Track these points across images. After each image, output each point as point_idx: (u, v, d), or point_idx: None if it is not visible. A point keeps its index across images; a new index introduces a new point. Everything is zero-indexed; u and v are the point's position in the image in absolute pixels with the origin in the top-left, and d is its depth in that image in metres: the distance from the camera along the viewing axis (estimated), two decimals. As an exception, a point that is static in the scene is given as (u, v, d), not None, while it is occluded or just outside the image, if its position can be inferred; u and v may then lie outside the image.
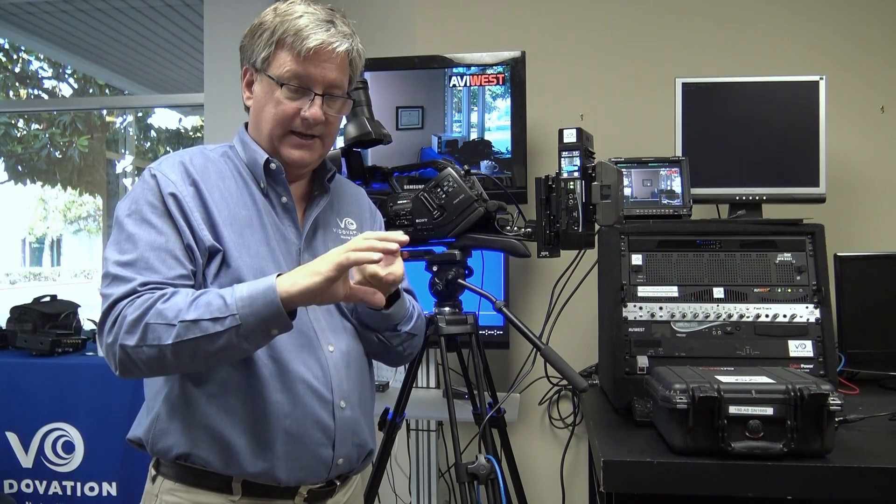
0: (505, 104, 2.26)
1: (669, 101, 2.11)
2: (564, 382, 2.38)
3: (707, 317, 1.67)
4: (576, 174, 1.52)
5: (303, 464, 1.17)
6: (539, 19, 2.53)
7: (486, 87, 2.27)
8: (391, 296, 1.23)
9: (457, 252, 1.66)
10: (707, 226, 1.84)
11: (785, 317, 1.66)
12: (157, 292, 1.08)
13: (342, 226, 1.34)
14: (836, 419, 1.31)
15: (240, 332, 1.04)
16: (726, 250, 1.72)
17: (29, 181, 10.09)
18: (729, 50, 2.42)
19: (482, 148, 2.27)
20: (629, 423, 1.57)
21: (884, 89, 2.37)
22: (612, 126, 2.38)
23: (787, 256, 1.71)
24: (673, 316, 1.68)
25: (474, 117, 2.27)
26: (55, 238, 16.65)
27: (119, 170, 10.63)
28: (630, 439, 1.45)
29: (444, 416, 1.86)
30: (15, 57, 8.25)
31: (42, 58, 8.25)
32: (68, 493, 2.47)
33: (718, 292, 1.69)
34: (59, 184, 10.33)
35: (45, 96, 8.95)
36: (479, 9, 2.56)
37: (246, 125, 1.31)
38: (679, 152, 2.06)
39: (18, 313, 2.69)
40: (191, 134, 10.33)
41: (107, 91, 7.32)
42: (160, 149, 10.39)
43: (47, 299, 2.81)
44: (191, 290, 1.10)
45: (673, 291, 1.70)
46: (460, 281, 1.67)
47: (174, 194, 1.15)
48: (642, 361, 1.64)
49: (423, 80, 2.29)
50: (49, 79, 9.11)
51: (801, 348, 1.63)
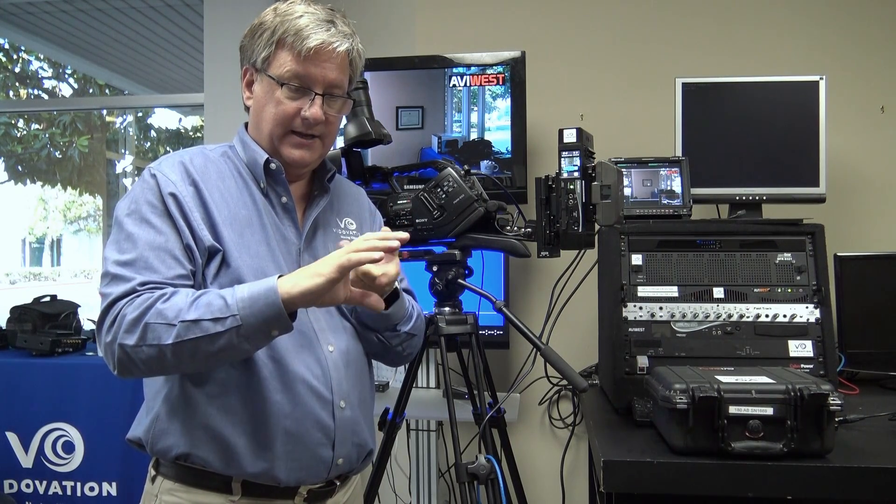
0: (505, 104, 2.26)
1: (669, 101, 2.11)
2: (564, 382, 2.37)
3: (707, 317, 1.67)
4: (576, 174, 1.52)
5: (302, 464, 1.17)
6: (539, 19, 2.53)
7: (486, 87, 2.26)
8: (390, 296, 1.23)
9: (457, 252, 1.66)
10: (707, 226, 1.84)
11: (785, 317, 1.66)
12: (156, 292, 1.08)
13: (342, 226, 1.34)
14: (836, 419, 1.31)
15: (240, 333, 1.04)
16: (726, 250, 1.72)
17: (29, 181, 10.08)
18: (729, 50, 2.42)
19: (482, 148, 2.27)
20: (629, 423, 1.57)
21: (884, 89, 2.37)
22: (612, 126, 2.38)
23: (787, 256, 1.71)
24: (673, 316, 1.68)
25: (474, 117, 2.27)
26: (55, 238, 16.64)
27: (119, 170, 10.63)
28: (630, 439, 1.45)
29: (444, 416, 1.86)
30: (15, 57, 8.25)
31: (42, 58, 8.25)
32: (68, 493, 2.47)
33: (718, 292, 1.69)
34: (59, 184, 10.32)
35: (45, 96, 8.94)
36: (479, 9, 2.56)
37: (246, 125, 1.31)
38: (679, 152, 2.06)
39: (18, 313, 2.69)
40: (191, 134, 10.33)
41: (107, 91, 7.31)
42: (160, 149, 10.38)
43: (47, 299, 2.81)
44: (191, 290, 1.10)
45: (673, 291, 1.70)
46: (460, 281, 1.67)
47: (174, 194, 1.15)
48: (642, 361, 1.64)
49: (423, 80, 2.29)
50: (49, 79, 9.11)
51: (801, 348, 1.63)
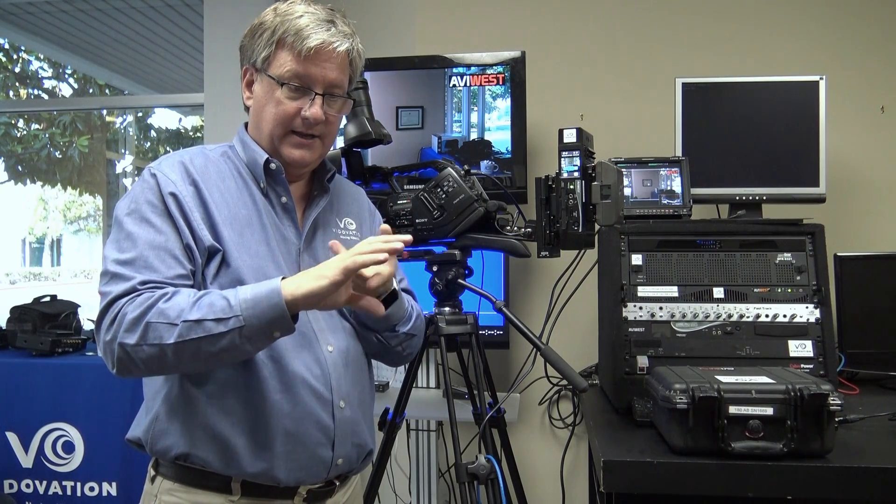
0: (505, 104, 2.26)
1: (669, 101, 2.11)
2: (564, 382, 2.37)
3: (707, 317, 1.67)
4: (576, 174, 1.52)
5: (302, 464, 1.17)
6: (539, 19, 2.53)
7: (486, 87, 2.26)
8: (389, 297, 1.23)
9: (457, 252, 1.66)
10: (707, 226, 1.84)
11: (785, 317, 1.66)
12: (157, 291, 1.07)
13: (342, 226, 1.34)
14: (836, 419, 1.31)
15: (243, 334, 1.05)
16: (726, 250, 1.72)
17: (29, 181, 10.07)
18: (729, 50, 2.42)
19: (482, 148, 2.27)
20: (629, 423, 1.57)
21: (884, 89, 2.37)
22: (612, 126, 2.38)
23: (787, 256, 1.71)
24: (673, 316, 1.68)
25: (474, 117, 2.27)
26: (55, 238, 16.63)
27: (119, 170, 10.62)
28: (630, 439, 1.45)
29: (444, 416, 1.86)
30: (15, 57, 8.24)
31: (42, 58, 8.24)
32: (68, 493, 2.47)
33: (718, 292, 1.69)
34: (59, 184, 10.31)
35: (45, 96, 8.93)
36: (479, 9, 2.56)
37: (245, 125, 1.31)
38: (679, 152, 2.06)
39: (18, 313, 2.70)
40: (191, 134, 10.32)
41: (107, 91, 7.30)
42: (160, 149, 10.37)
43: (47, 299, 2.81)
44: (192, 290, 1.10)
45: (673, 291, 1.70)
46: (460, 281, 1.67)
47: (174, 194, 1.15)
48: (642, 361, 1.64)
49: (423, 80, 2.29)
50: (49, 79, 9.10)
51: (801, 348, 1.63)
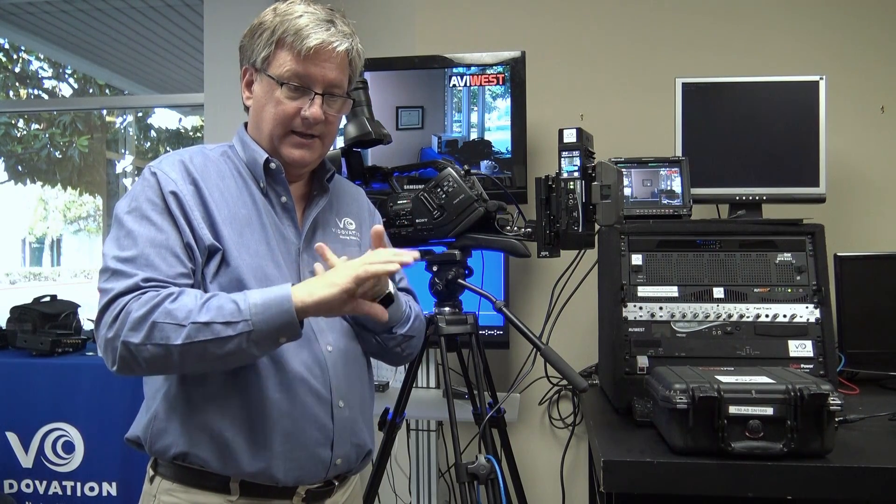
0: (505, 104, 2.26)
1: (669, 101, 2.11)
2: (564, 382, 2.37)
3: (707, 317, 1.67)
4: (576, 174, 1.52)
5: (301, 463, 1.17)
6: (539, 19, 2.53)
7: (486, 87, 2.26)
8: (384, 299, 1.22)
9: (457, 252, 1.66)
10: (707, 226, 1.84)
11: (785, 317, 1.66)
12: (162, 291, 1.07)
13: (341, 226, 1.34)
14: (836, 419, 1.31)
15: (250, 338, 1.05)
16: (726, 250, 1.72)
17: (29, 181, 10.06)
18: (729, 50, 2.42)
19: (482, 148, 2.27)
20: (629, 423, 1.57)
21: (884, 89, 2.37)
22: (612, 126, 2.38)
23: (787, 256, 1.71)
24: (673, 316, 1.68)
25: (474, 117, 2.27)
26: (55, 238, 16.63)
27: (119, 170, 10.61)
28: (630, 439, 1.45)
29: (444, 416, 1.86)
30: (15, 57, 8.24)
31: (42, 58, 8.24)
32: (68, 493, 2.47)
33: (718, 292, 1.69)
34: (59, 184, 10.30)
35: (45, 96, 8.93)
36: (479, 9, 2.56)
37: (245, 125, 1.31)
38: (679, 152, 2.06)
39: (18, 313, 2.69)
40: (191, 134, 10.32)
41: (107, 91, 7.30)
42: (160, 149, 10.36)
43: (47, 299, 2.81)
44: (197, 290, 1.10)
45: (673, 291, 1.70)
46: (460, 281, 1.67)
47: (175, 192, 1.15)
48: (642, 361, 1.64)
49: (423, 80, 2.29)
50: (49, 79, 9.10)
51: (801, 348, 1.63)
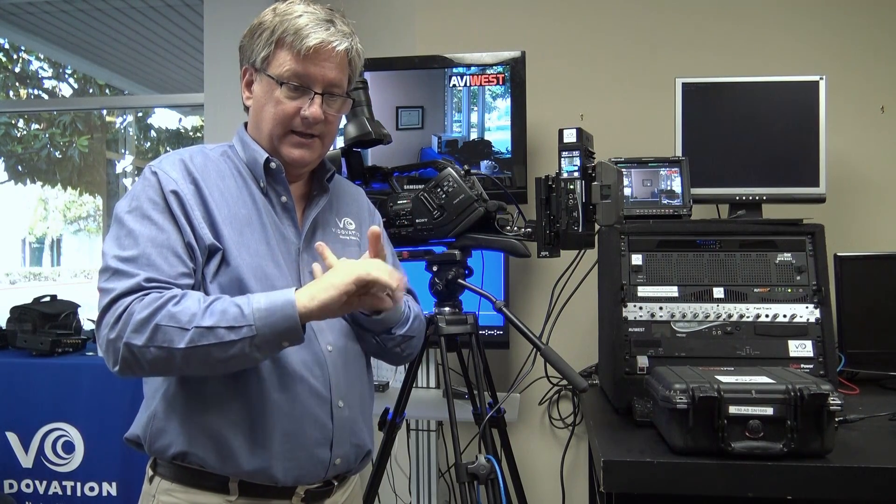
0: (505, 104, 2.26)
1: (669, 101, 2.11)
2: (564, 382, 2.37)
3: (707, 317, 1.67)
4: (576, 174, 1.52)
5: (300, 463, 1.17)
6: (539, 19, 2.53)
7: (486, 87, 2.26)
8: None
9: (457, 252, 1.66)
10: (707, 226, 1.84)
11: (785, 317, 1.66)
12: (165, 293, 1.07)
13: (341, 226, 1.34)
14: (836, 419, 1.31)
15: (254, 343, 1.05)
16: (726, 250, 1.72)
17: (29, 181, 10.07)
18: (729, 50, 2.42)
19: (482, 148, 2.27)
20: (629, 423, 1.57)
21: (884, 89, 2.37)
22: (612, 126, 2.38)
23: (787, 256, 1.71)
24: (673, 316, 1.68)
25: (474, 117, 2.27)
26: (55, 238, 16.64)
27: (119, 170, 10.62)
28: (630, 439, 1.45)
29: (444, 416, 1.86)
30: (15, 57, 8.24)
31: (42, 58, 8.24)
32: (68, 493, 2.47)
33: (718, 292, 1.69)
34: (59, 184, 10.31)
35: (45, 96, 8.93)
36: (479, 9, 2.56)
37: (245, 125, 1.31)
38: (679, 152, 2.06)
39: (18, 313, 2.69)
40: (191, 134, 10.32)
41: (107, 91, 7.30)
42: (160, 149, 10.36)
43: (47, 299, 2.81)
44: (200, 293, 1.10)
45: (673, 291, 1.70)
46: (460, 281, 1.67)
47: (175, 192, 1.15)
48: (642, 361, 1.64)
49: (423, 80, 2.29)
50: (49, 79, 9.10)
51: (801, 348, 1.63)
